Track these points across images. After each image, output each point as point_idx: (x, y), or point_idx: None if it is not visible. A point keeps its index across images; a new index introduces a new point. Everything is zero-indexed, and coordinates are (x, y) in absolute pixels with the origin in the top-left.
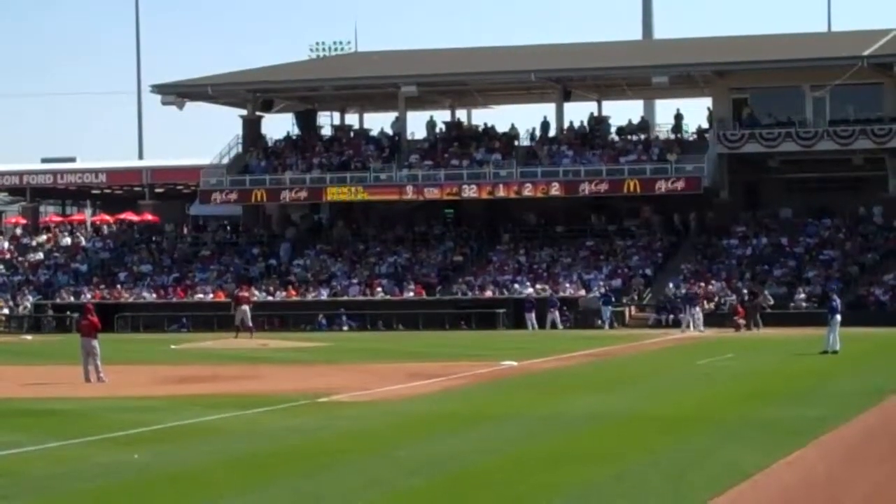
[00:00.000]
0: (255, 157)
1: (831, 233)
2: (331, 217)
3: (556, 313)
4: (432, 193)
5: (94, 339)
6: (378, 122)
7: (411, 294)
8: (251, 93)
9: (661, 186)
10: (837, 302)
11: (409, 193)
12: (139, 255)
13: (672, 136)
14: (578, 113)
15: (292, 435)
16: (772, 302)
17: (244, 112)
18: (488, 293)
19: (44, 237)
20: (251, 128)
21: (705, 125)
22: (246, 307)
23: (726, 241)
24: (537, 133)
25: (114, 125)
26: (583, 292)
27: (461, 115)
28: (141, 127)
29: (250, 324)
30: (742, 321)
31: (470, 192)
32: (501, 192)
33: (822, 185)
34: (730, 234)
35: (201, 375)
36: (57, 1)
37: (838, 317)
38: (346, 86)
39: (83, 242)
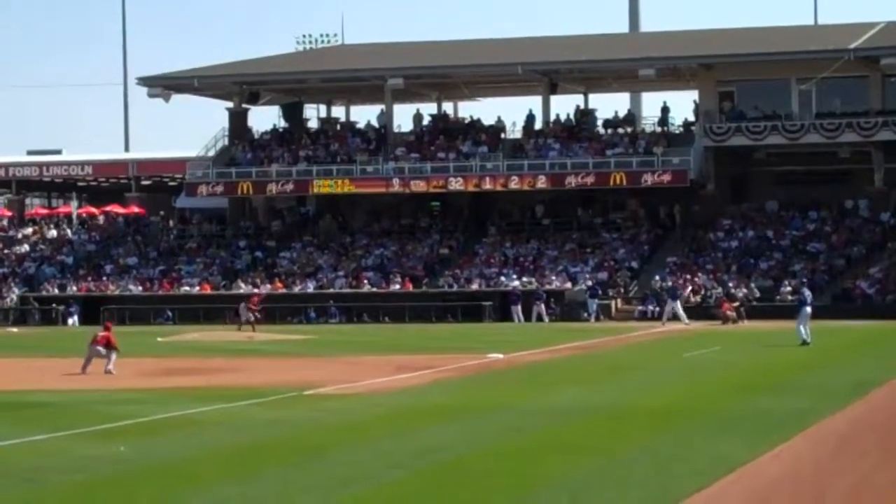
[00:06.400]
0: (242, 150)
1: (817, 226)
2: (317, 210)
3: (542, 306)
4: (419, 186)
5: (106, 349)
6: (364, 114)
7: (398, 287)
8: (237, 85)
9: (648, 179)
10: (807, 294)
11: (396, 186)
12: (125, 247)
13: (658, 129)
14: (565, 106)
15: (278, 427)
16: (758, 294)
17: (230, 104)
18: (474, 286)
19: (30, 230)
20: (237, 120)
21: (692, 118)
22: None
23: (712, 234)
24: (519, 126)
25: (100, 117)
26: (569, 285)
27: (448, 107)
28: (127, 119)
29: (243, 318)
30: (731, 313)
31: (456, 184)
32: (488, 185)
33: (809, 178)
34: (716, 226)
35: (187, 368)
36: None
37: (808, 309)
38: (333, 78)
39: (69, 235)
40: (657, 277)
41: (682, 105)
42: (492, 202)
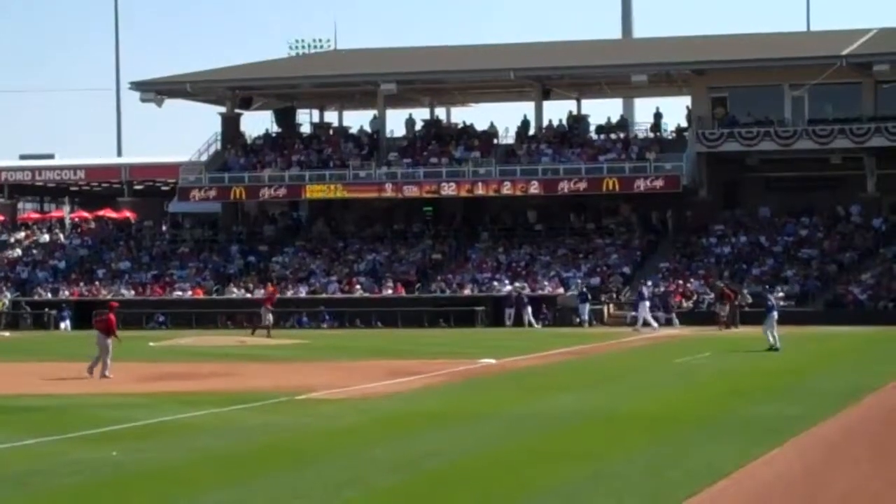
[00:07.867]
0: (234, 155)
1: (810, 232)
2: (310, 215)
3: (529, 310)
4: (411, 191)
5: (108, 337)
6: (357, 119)
7: (390, 292)
8: (230, 90)
9: (640, 185)
10: (772, 300)
11: (388, 191)
12: (117, 252)
13: (651, 135)
14: (558, 111)
15: (270, 432)
16: (750, 300)
17: (223, 109)
18: (467, 291)
19: (22, 234)
20: (230, 125)
21: (684, 124)
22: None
23: (705, 240)
24: (512, 132)
25: (92, 122)
26: (561, 290)
27: (440, 113)
28: (120, 124)
29: (264, 321)
30: (729, 302)
31: (449, 190)
32: (480, 191)
33: (801, 184)
34: (708, 232)
35: (180, 373)
36: None
37: (775, 314)
38: (326, 83)
39: (61, 239)
40: (649, 283)
41: (675, 111)
42: (484, 207)
